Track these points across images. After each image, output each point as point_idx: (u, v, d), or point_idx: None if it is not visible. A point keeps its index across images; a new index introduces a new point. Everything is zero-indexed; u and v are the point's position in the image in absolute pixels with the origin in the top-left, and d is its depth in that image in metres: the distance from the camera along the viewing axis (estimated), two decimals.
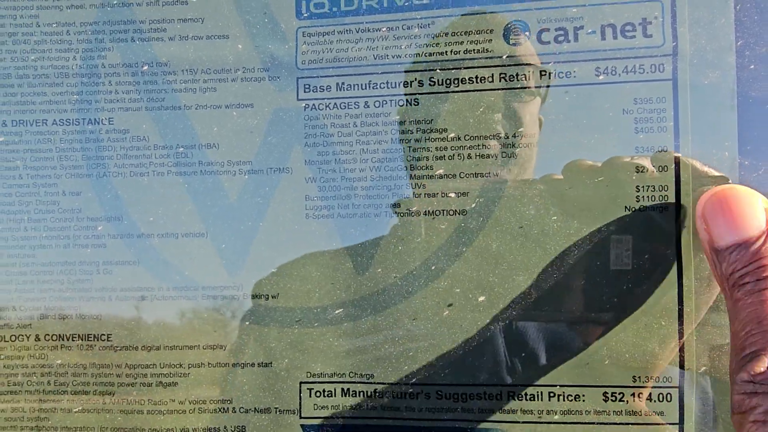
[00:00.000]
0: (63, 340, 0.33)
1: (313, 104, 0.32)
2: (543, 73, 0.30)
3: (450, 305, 0.31)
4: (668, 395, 0.29)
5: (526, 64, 0.30)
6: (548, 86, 0.30)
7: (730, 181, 0.29)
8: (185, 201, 0.33)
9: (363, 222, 0.32)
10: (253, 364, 0.32)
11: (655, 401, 0.29)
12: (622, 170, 0.29)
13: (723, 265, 0.25)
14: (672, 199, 0.29)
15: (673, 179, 0.29)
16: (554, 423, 0.30)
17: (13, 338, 0.33)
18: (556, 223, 0.30)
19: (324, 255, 0.32)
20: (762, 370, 0.22)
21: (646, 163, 0.29)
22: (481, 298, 0.30)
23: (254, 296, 0.32)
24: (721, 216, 0.25)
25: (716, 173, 0.29)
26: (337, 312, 0.31)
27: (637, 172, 0.29)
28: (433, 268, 0.31)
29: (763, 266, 0.23)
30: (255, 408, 0.32)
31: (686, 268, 0.29)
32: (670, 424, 0.29)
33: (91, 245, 0.33)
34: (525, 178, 0.30)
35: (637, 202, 0.29)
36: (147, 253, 0.33)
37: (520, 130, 0.30)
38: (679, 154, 0.29)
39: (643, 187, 0.29)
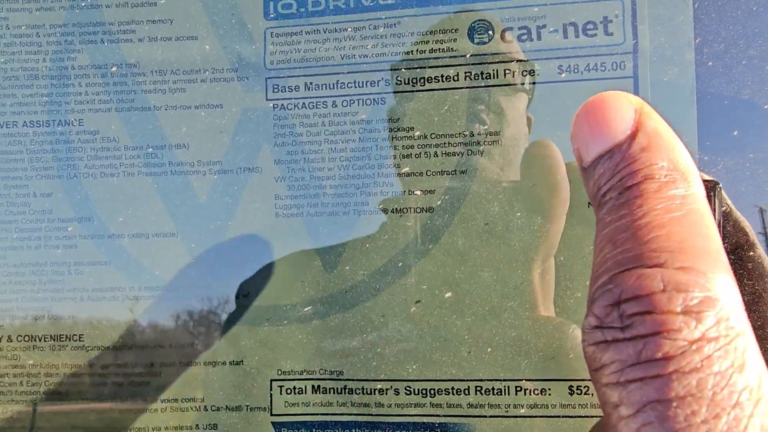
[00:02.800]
0: (35, 340, 0.33)
1: (282, 104, 0.32)
2: (526, 71, 0.31)
3: (417, 302, 0.31)
4: None
5: (494, 62, 0.31)
6: (533, 83, 0.31)
7: (720, 186, 0.29)
8: (155, 201, 0.33)
9: (332, 220, 0.32)
10: (224, 363, 0.32)
11: None
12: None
13: (590, 183, 0.19)
14: None
15: None
16: (521, 417, 0.30)
17: None
18: (521, 219, 0.30)
19: (294, 253, 0.32)
20: (609, 304, 0.17)
21: None
22: (448, 295, 0.31)
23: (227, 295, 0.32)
24: (586, 126, 0.20)
25: (707, 177, 0.29)
26: (306, 310, 0.32)
27: None
28: (400, 265, 0.31)
29: (627, 175, 0.18)
30: (226, 406, 0.32)
31: None
32: None
33: (62, 246, 0.33)
34: (512, 173, 0.30)
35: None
36: (118, 254, 0.33)
37: (484, 127, 0.31)
38: None
39: None
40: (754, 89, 0.29)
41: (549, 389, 0.30)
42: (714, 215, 0.29)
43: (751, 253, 0.29)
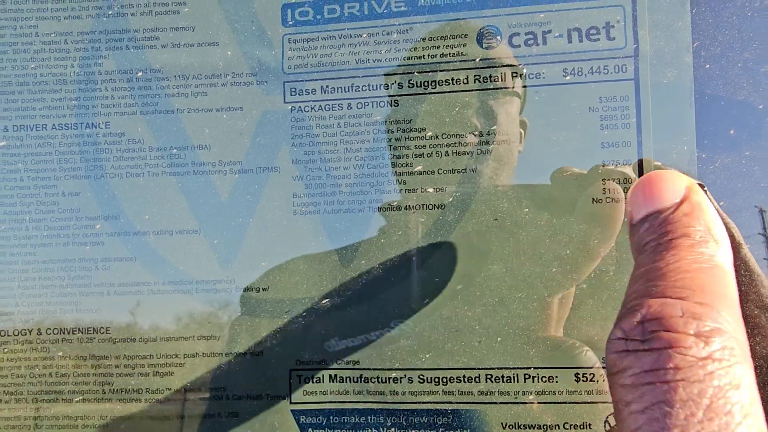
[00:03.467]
0: (64, 333, 0.34)
1: (299, 107, 0.34)
2: (515, 74, 0.32)
3: (430, 294, 0.32)
4: None
5: (502, 66, 0.32)
6: (525, 86, 0.32)
7: (705, 188, 0.30)
8: (179, 200, 0.34)
9: (348, 217, 0.33)
10: (245, 354, 0.34)
11: None
12: (607, 177, 0.31)
13: (635, 237, 0.23)
14: None
15: (637, 173, 0.31)
16: (529, 403, 0.32)
17: (16, 333, 0.35)
18: (528, 215, 0.32)
19: (311, 249, 0.34)
20: (635, 322, 0.20)
21: (628, 171, 0.31)
22: (459, 287, 0.32)
23: (246, 289, 0.34)
24: (640, 192, 0.24)
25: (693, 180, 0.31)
26: (323, 302, 0.33)
27: (604, 162, 0.31)
28: (413, 259, 0.33)
29: (667, 231, 0.22)
30: (247, 395, 0.34)
31: None
32: None
33: (90, 243, 0.35)
34: (505, 176, 0.32)
35: (603, 194, 0.31)
36: (143, 250, 0.34)
37: (493, 128, 0.32)
38: (658, 163, 0.31)
39: (609, 180, 0.31)
40: (749, 90, 0.31)
41: (556, 377, 0.32)
42: None
43: (738, 254, 0.31)
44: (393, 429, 0.33)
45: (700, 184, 0.30)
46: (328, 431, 0.33)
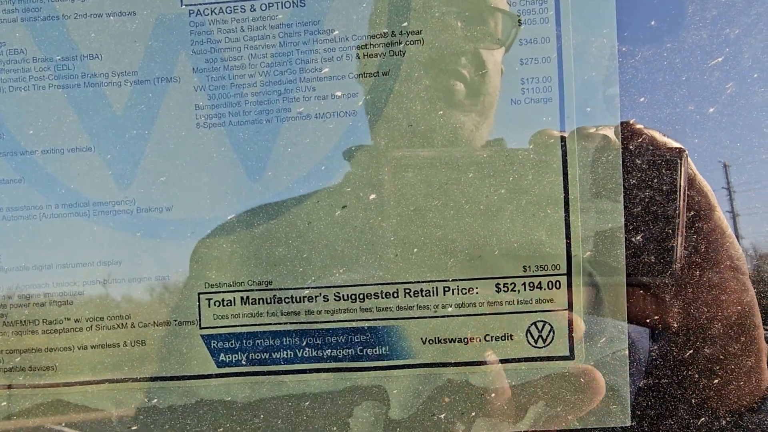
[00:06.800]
0: None
1: (199, 9, 0.31)
2: (513, 22, 0.30)
3: (344, 207, 0.31)
4: (557, 282, 0.30)
5: None
6: (518, 25, 0.30)
7: (686, 153, 0.29)
8: (68, 114, 0.31)
9: (254, 128, 0.31)
10: (148, 278, 0.32)
11: (544, 289, 0.30)
12: (589, 139, 0.29)
13: None
14: (556, 91, 0.30)
15: (556, 70, 0.30)
16: (448, 316, 0.30)
17: None
18: (443, 118, 0.30)
19: (216, 163, 0.31)
20: None
21: (609, 133, 0.29)
22: (372, 197, 0.30)
23: (147, 209, 0.31)
24: None
25: (674, 144, 0.29)
26: (229, 218, 0.31)
27: (522, 60, 0.30)
28: (323, 169, 0.31)
29: None
30: (154, 322, 0.32)
31: (570, 157, 0.29)
32: (560, 310, 0.30)
33: None
34: (487, 124, 0.30)
35: (522, 94, 0.30)
36: (31, 170, 0.31)
37: (404, 24, 0.30)
38: (641, 126, 0.29)
39: (527, 79, 0.30)
40: None
41: (476, 288, 0.30)
42: (680, 182, 0.29)
43: (712, 216, 0.30)
44: (308, 350, 0.31)
45: (680, 149, 0.29)
46: (241, 355, 0.31)
